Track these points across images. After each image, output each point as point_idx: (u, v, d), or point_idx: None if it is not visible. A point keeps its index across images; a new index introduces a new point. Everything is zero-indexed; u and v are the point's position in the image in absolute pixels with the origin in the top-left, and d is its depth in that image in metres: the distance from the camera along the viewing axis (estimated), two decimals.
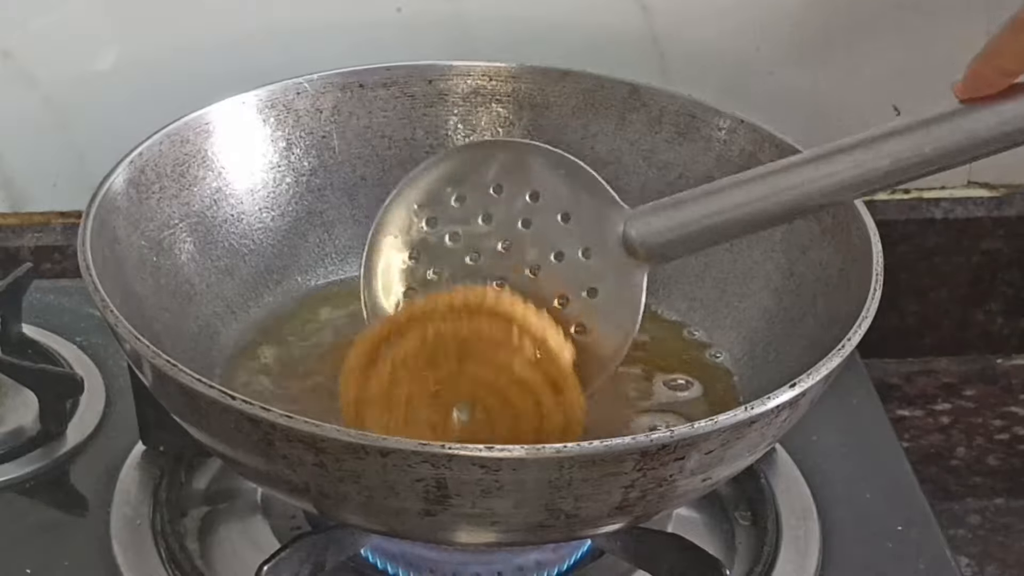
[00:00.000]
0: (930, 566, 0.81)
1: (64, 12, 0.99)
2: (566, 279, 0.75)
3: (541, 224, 0.75)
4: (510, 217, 0.76)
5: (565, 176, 0.75)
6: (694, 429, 0.64)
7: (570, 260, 0.75)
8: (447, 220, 0.77)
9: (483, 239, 0.76)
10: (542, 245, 0.75)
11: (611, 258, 0.74)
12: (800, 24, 1.02)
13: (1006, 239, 1.07)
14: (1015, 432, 1.01)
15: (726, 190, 0.72)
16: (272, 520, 0.81)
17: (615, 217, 0.74)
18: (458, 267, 0.77)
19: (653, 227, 0.73)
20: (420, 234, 0.78)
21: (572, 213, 0.75)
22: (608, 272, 0.74)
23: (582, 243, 0.75)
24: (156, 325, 0.77)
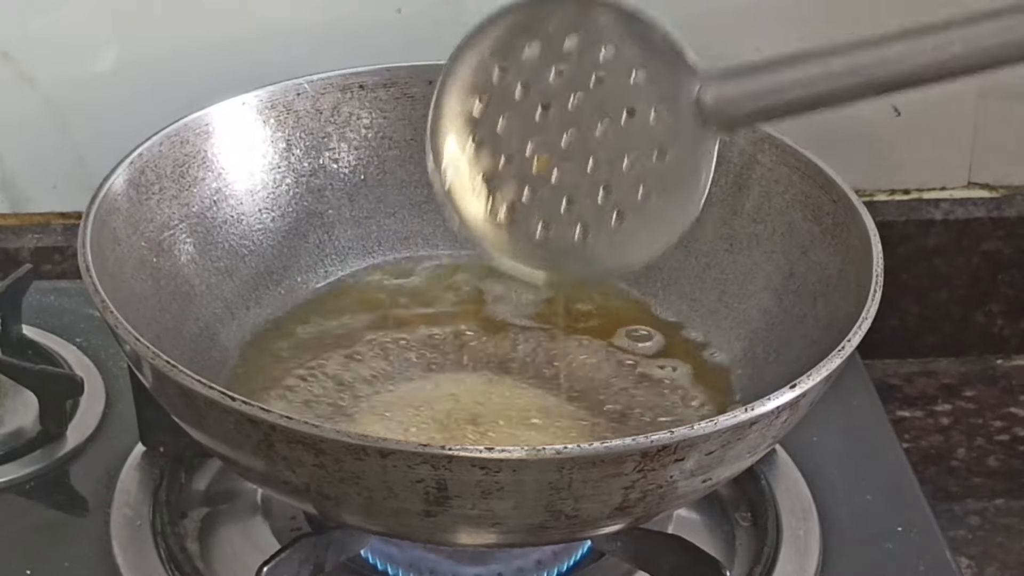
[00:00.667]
0: (930, 567, 0.81)
1: (64, 12, 0.99)
2: (636, 138, 0.72)
3: (615, 79, 0.72)
4: (583, 71, 0.72)
5: (641, 34, 0.72)
6: (694, 430, 0.64)
7: (642, 119, 0.72)
8: (519, 69, 0.73)
9: (556, 91, 0.73)
10: (614, 101, 0.72)
11: (683, 122, 0.71)
12: (800, 24, 1.02)
13: (1006, 240, 1.07)
14: (1015, 433, 1.01)
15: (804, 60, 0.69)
16: (272, 521, 0.81)
17: (689, 80, 0.71)
18: (529, 117, 0.73)
19: (726, 94, 0.70)
20: (492, 81, 0.74)
21: (646, 72, 0.72)
22: (679, 136, 0.71)
23: (655, 103, 0.72)
24: (156, 326, 0.77)
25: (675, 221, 0.72)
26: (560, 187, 0.73)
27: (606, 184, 0.72)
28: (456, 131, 0.74)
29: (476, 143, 0.74)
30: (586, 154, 0.72)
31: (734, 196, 0.86)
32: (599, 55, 0.72)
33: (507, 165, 0.73)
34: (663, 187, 0.72)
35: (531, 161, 0.73)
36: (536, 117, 0.73)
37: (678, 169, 0.71)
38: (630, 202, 0.72)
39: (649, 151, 0.72)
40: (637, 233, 0.72)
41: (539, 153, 0.73)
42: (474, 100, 0.74)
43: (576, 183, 0.72)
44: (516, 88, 0.73)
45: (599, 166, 0.72)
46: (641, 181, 0.72)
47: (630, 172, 0.72)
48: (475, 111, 0.74)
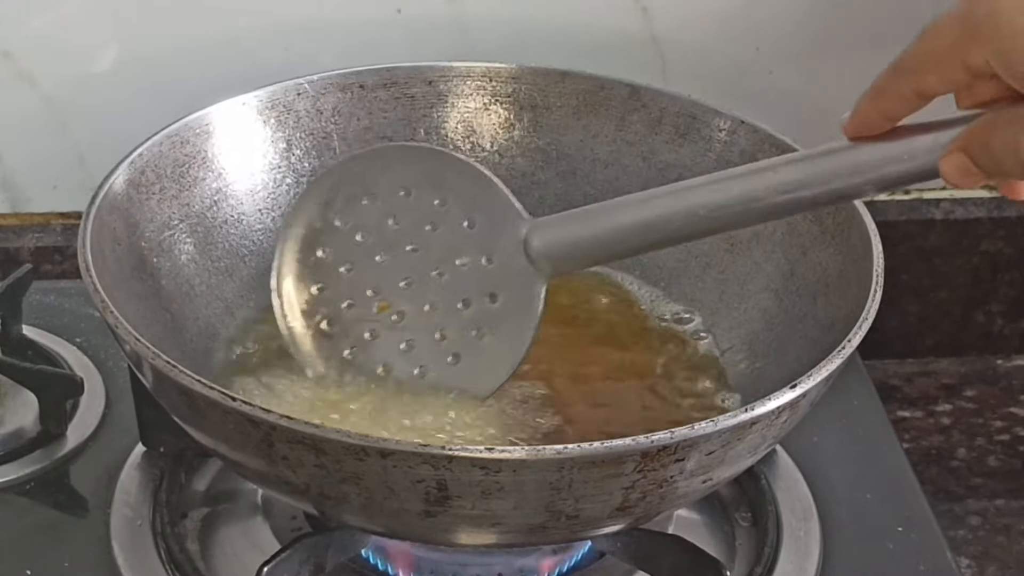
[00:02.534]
0: (930, 567, 0.81)
1: (64, 12, 0.99)
2: (469, 283, 0.76)
3: (448, 228, 0.76)
4: (419, 219, 0.77)
5: (472, 184, 0.76)
6: (694, 430, 0.64)
7: (474, 265, 0.76)
8: (358, 218, 0.78)
9: (392, 239, 0.77)
10: (448, 248, 0.76)
11: (512, 266, 0.75)
12: (800, 24, 1.02)
13: (1006, 239, 1.07)
14: (1015, 433, 1.01)
15: (617, 209, 0.73)
16: (272, 521, 0.81)
17: (518, 226, 0.75)
18: (368, 265, 0.78)
19: (552, 239, 0.74)
20: (332, 230, 0.78)
21: (477, 220, 0.76)
22: (509, 280, 0.75)
23: (486, 249, 0.76)
24: (156, 326, 0.77)
25: (505, 361, 0.76)
26: (399, 330, 0.77)
27: (441, 327, 0.77)
28: (299, 277, 0.79)
29: (319, 288, 0.79)
30: (423, 298, 0.77)
31: None
32: (432, 204, 0.76)
33: (349, 308, 0.78)
34: (495, 328, 0.76)
35: (372, 305, 0.78)
36: (375, 263, 0.77)
37: (510, 310, 0.75)
38: (464, 343, 0.76)
39: (482, 294, 0.76)
40: (470, 373, 0.76)
41: (379, 298, 0.78)
42: (316, 248, 0.78)
43: (414, 326, 0.77)
44: (355, 236, 0.78)
45: (435, 309, 0.77)
46: (475, 323, 0.76)
47: (464, 315, 0.76)
48: (317, 258, 0.79)
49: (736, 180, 0.70)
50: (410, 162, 0.77)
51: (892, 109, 0.66)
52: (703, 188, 0.71)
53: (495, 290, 0.75)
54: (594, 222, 0.73)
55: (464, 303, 0.76)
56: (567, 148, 0.90)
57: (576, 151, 0.90)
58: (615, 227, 0.73)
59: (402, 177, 0.77)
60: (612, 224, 0.73)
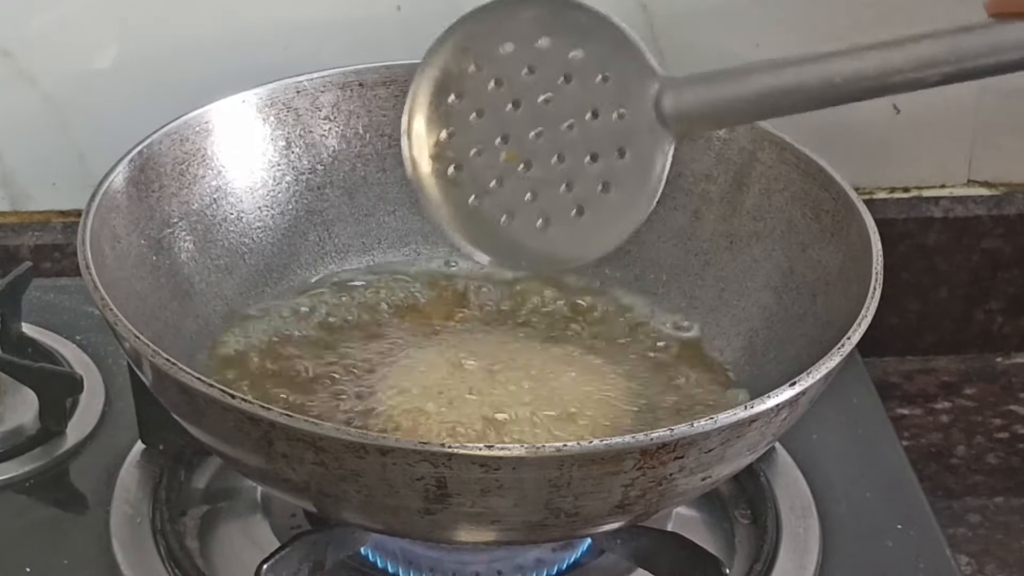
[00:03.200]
0: (930, 564, 0.81)
1: (64, 12, 0.99)
2: (599, 137, 0.75)
3: (581, 81, 0.75)
4: (553, 70, 0.75)
5: (609, 38, 0.75)
6: (694, 428, 0.64)
7: (605, 119, 0.75)
8: (494, 65, 0.76)
9: (526, 88, 0.76)
10: (580, 101, 0.75)
11: (643, 123, 0.74)
12: (799, 22, 1.02)
13: (1006, 238, 1.07)
14: (1015, 431, 1.01)
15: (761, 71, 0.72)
16: (272, 519, 0.81)
17: (651, 83, 0.74)
18: (501, 113, 0.76)
19: (685, 98, 0.73)
20: (466, 75, 0.77)
21: (612, 74, 0.75)
22: (639, 136, 0.74)
23: (618, 104, 0.74)
24: (156, 324, 0.77)
25: (628, 218, 0.75)
26: (526, 180, 0.75)
27: (568, 179, 0.75)
28: (431, 121, 0.77)
29: (448, 133, 0.77)
30: (552, 150, 0.75)
31: (734, 194, 0.86)
32: (568, 56, 0.75)
33: (477, 156, 0.76)
34: (621, 185, 0.74)
35: (500, 153, 0.76)
36: (506, 112, 0.76)
37: (636, 168, 0.74)
38: (590, 198, 0.74)
39: (610, 149, 0.74)
40: (593, 228, 0.75)
41: (508, 146, 0.76)
42: (449, 93, 0.77)
43: (541, 177, 0.75)
44: (489, 83, 0.76)
45: (563, 161, 0.75)
46: (601, 178, 0.74)
47: (591, 169, 0.75)
48: (449, 103, 0.77)
49: (876, 51, 0.70)
50: (550, 12, 0.76)
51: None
52: (842, 57, 0.70)
53: (624, 145, 0.74)
54: (728, 85, 0.73)
55: (592, 157, 0.75)
56: None
57: None
58: (749, 91, 0.72)
59: (541, 26, 0.76)
60: (746, 87, 0.72)
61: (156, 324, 0.77)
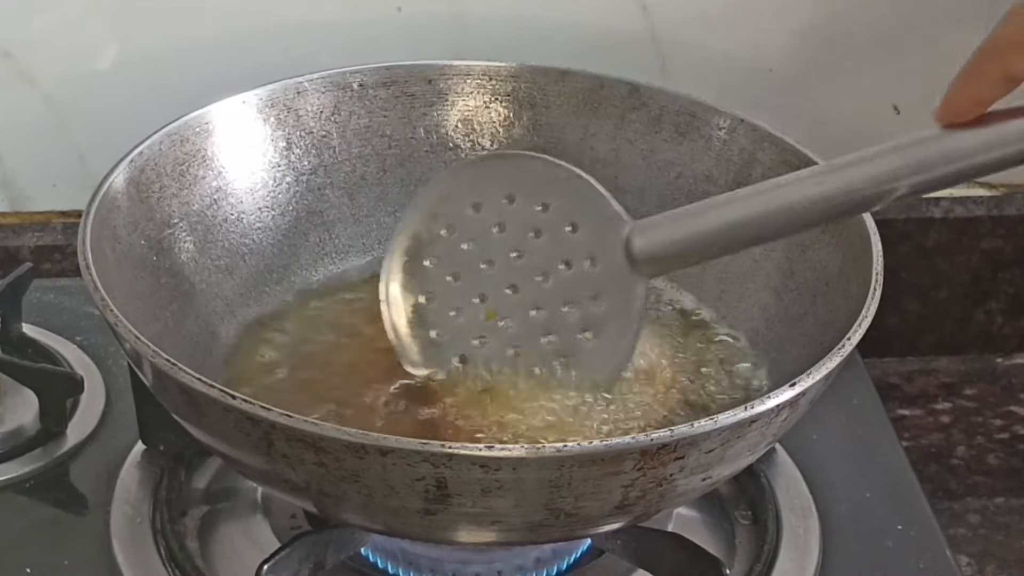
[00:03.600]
0: (930, 565, 0.81)
1: (64, 12, 0.99)
2: (573, 286, 0.77)
3: (551, 233, 0.77)
4: (522, 226, 0.78)
5: (573, 188, 0.77)
6: (694, 428, 0.64)
7: (577, 268, 0.77)
8: (464, 228, 0.79)
9: (498, 246, 0.78)
10: (552, 253, 0.77)
11: (615, 268, 0.76)
12: (799, 23, 1.02)
13: (1006, 238, 1.07)
14: (1015, 431, 1.01)
15: (723, 205, 0.74)
16: (272, 519, 0.81)
17: (619, 229, 0.76)
18: (474, 273, 0.79)
19: (653, 240, 0.75)
20: (438, 239, 0.79)
21: (579, 224, 0.77)
22: (612, 281, 0.76)
23: (589, 252, 0.77)
24: (156, 324, 0.77)
25: (612, 361, 0.77)
26: (507, 335, 0.78)
27: (548, 330, 0.77)
28: (407, 287, 0.80)
29: (427, 297, 0.80)
30: (529, 303, 0.78)
31: None
32: (535, 210, 0.77)
33: (457, 317, 0.79)
34: (600, 329, 0.77)
35: (479, 313, 0.79)
36: (481, 271, 0.78)
37: (613, 311, 0.76)
38: (571, 346, 0.77)
39: (586, 297, 0.77)
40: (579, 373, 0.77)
41: (486, 304, 0.79)
42: (422, 258, 0.79)
43: (522, 331, 0.78)
44: (461, 245, 0.79)
45: (541, 314, 0.78)
46: (580, 325, 0.77)
47: (569, 317, 0.77)
48: (424, 267, 0.79)
49: (833, 173, 0.71)
50: (513, 169, 0.79)
51: (981, 94, 0.66)
52: (801, 183, 0.72)
53: (598, 292, 0.76)
54: (693, 221, 0.74)
55: (569, 306, 0.77)
56: (567, 146, 0.90)
57: (576, 149, 0.90)
58: (714, 226, 0.73)
59: (506, 185, 0.78)
60: (711, 223, 0.74)
61: (156, 325, 0.77)
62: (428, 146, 0.90)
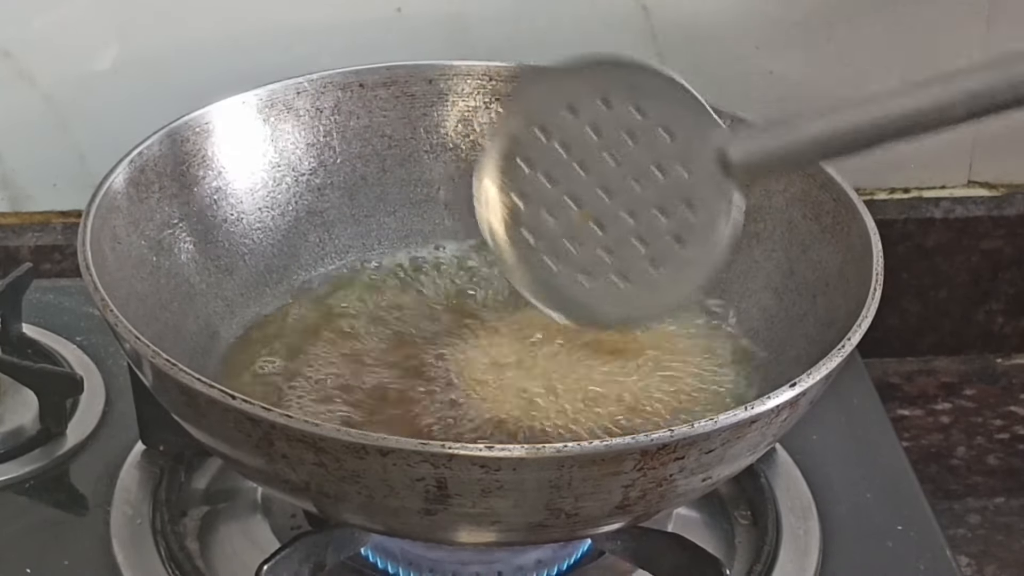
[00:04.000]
0: (930, 565, 0.81)
1: (64, 12, 0.99)
2: (667, 192, 0.77)
3: (646, 138, 0.77)
4: (618, 129, 0.78)
5: (670, 95, 0.77)
6: (694, 429, 0.64)
7: (671, 174, 0.77)
8: (560, 130, 0.79)
9: (593, 150, 0.78)
10: (646, 158, 0.77)
11: (708, 176, 0.76)
12: (799, 23, 1.02)
13: (1006, 239, 1.07)
14: (1015, 432, 1.01)
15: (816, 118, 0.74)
16: (272, 519, 0.81)
17: (713, 137, 0.76)
18: (570, 175, 0.79)
19: (747, 149, 0.76)
20: (535, 141, 0.79)
21: (675, 130, 0.77)
22: (705, 189, 0.76)
23: (683, 159, 0.77)
24: (156, 325, 0.77)
25: (702, 269, 0.77)
26: (600, 239, 0.78)
27: (641, 236, 0.78)
28: (503, 188, 0.80)
29: (522, 199, 0.79)
30: (623, 208, 0.78)
31: None
32: (630, 114, 0.77)
33: (551, 219, 0.79)
34: (693, 237, 0.77)
35: (573, 215, 0.79)
36: (576, 174, 0.78)
37: (705, 219, 0.77)
38: (664, 252, 0.77)
39: (679, 204, 0.77)
40: (669, 281, 0.78)
41: (580, 208, 0.78)
42: (518, 160, 0.79)
43: (615, 235, 0.78)
44: (556, 148, 0.79)
45: (635, 218, 0.78)
46: (673, 232, 0.77)
47: (663, 224, 0.77)
48: (519, 169, 0.79)
49: (927, 88, 0.71)
50: (610, 73, 0.78)
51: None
52: (896, 97, 0.72)
53: (692, 199, 0.77)
54: (786, 133, 0.75)
55: (662, 212, 0.77)
56: None
57: None
58: (806, 137, 0.74)
59: (602, 88, 0.78)
60: (806, 134, 0.74)
61: (156, 325, 0.77)
62: (428, 146, 0.90)
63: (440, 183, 0.91)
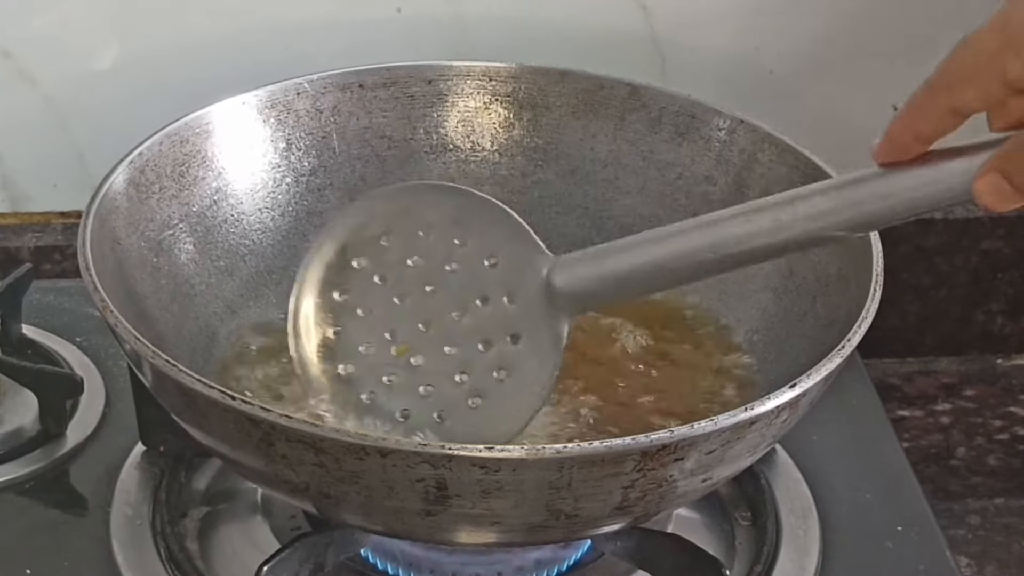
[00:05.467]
0: (930, 566, 0.81)
1: (64, 12, 0.99)
2: (490, 323, 0.75)
3: (468, 267, 0.75)
4: (438, 259, 0.75)
5: (493, 221, 0.75)
6: (694, 430, 0.64)
7: (495, 305, 0.75)
8: (377, 259, 0.77)
9: (412, 280, 0.76)
10: (468, 288, 0.75)
11: (535, 306, 0.74)
12: (799, 24, 1.02)
13: (1006, 239, 1.07)
14: (1015, 432, 1.01)
15: (647, 244, 0.71)
16: (272, 520, 0.81)
17: (540, 264, 0.73)
18: (387, 307, 0.76)
19: (575, 276, 0.73)
20: (349, 272, 0.77)
21: (498, 258, 0.75)
22: (531, 319, 0.74)
23: (507, 288, 0.74)
24: (156, 325, 0.77)
25: (527, 403, 0.74)
26: (419, 374, 0.75)
27: (462, 370, 0.75)
28: (317, 320, 0.77)
29: (335, 332, 0.77)
30: (443, 341, 0.75)
31: (734, 195, 0.86)
32: (452, 242, 0.75)
33: (367, 353, 0.76)
34: (518, 368, 0.74)
35: (390, 349, 0.76)
36: (394, 306, 0.76)
37: (532, 350, 0.74)
38: (486, 386, 0.74)
39: (503, 335, 0.74)
40: (491, 416, 0.74)
41: (398, 341, 0.76)
42: (333, 292, 0.77)
43: (435, 369, 0.75)
44: (373, 278, 0.76)
45: (455, 352, 0.75)
46: (496, 364, 0.74)
47: (485, 357, 0.74)
48: (335, 300, 0.77)
49: (764, 211, 0.68)
50: (429, 200, 0.76)
51: (926, 129, 0.63)
52: (730, 220, 0.69)
53: (517, 330, 0.74)
54: (618, 259, 0.72)
55: (485, 344, 0.75)
56: (567, 147, 0.90)
57: (576, 150, 0.90)
58: (640, 264, 0.71)
59: (422, 216, 0.76)
60: (637, 261, 0.71)
61: (156, 325, 0.77)
62: (428, 147, 0.90)
63: None
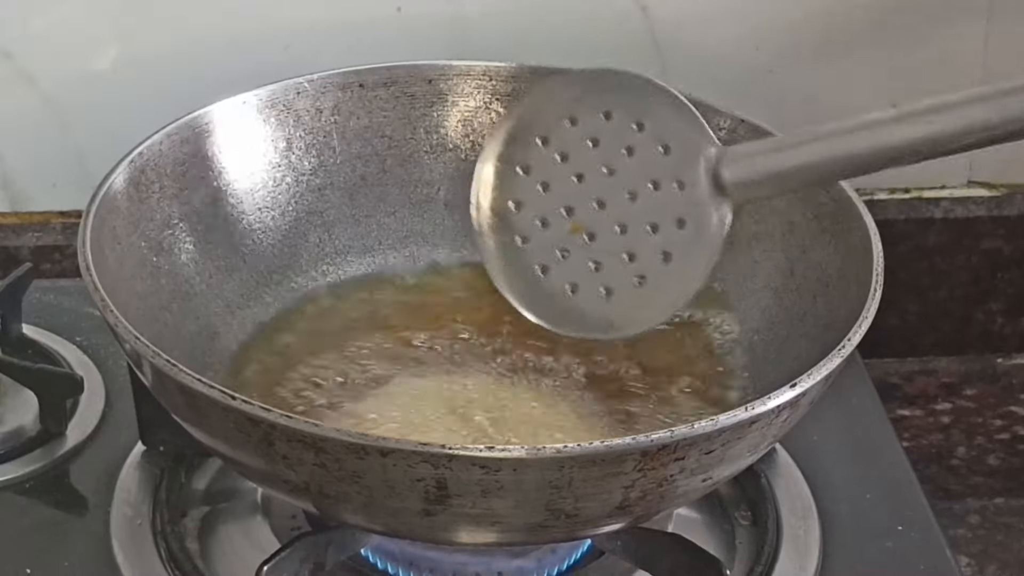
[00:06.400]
0: (930, 566, 0.81)
1: (64, 12, 0.99)
2: (659, 207, 0.77)
3: (643, 152, 0.78)
4: (616, 143, 0.78)
5: (670, 110, 0.78)
6: (694, 429, 0.64)
7: (665, 189, 0.77)
8: (558, 139, 0.79)
9: (590, 161, 0.79)
10: (642, 172, 0.78)
11: (702, 193, 0.76)
12: (799, 23, 1.02)
13: (1006, 239, 1.07)
14: (1015, 432, 1.01)
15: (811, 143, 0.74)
16: (272, 520, 0.81)
17: (710, 154, 0.76)
18: (564, 185, 0.79)
19: (743, 168, 0.76)
20: (532, 149, 0.80)
21: (671, 146, 0.77)
22: (698, 206, 0.77)
23: (677, 175, 0.77)
24: (156, 325, 0.77)
25: (686, 287, 0.77)
26: (589, 251, 0.78)
27: (630, 250, 0.78)
28: (498, 192, 0.80)
29: (516, 204, 0.80)
30: (614, 221, 0.78)
31: None
32: (629, 127, 0.78)
33: (542, 227, 0.79)
34: (681, 254, 0.77)
35: (564, 225, 0.79)
36: (571, 184, 0.79)
37: (695, 237, 0.77)
38: (651, 268, 0.77)
39: (670, 220, 0.77)
40: (652, 297, 0.78)
41: (572, 218, 0.79)
42: (515, 167, 0.80)
43: (604, 248, 0.78)
44: (554, 157, 0.79)
45: (625, 232, 0.78)
46: (662, 248, 0.77)
47: (652, 239, 0.77)
48: (516, 175, 0.80)
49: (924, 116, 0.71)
50: (613, 86, 0.79)
51: None
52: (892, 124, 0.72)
53: (684, 215, 0.77)
54: (783, 154, 0.75)
55: (653, 227, 0.77)
56: None
57: None
58: (804, 160, 0.74)
59: (603, 100, 0.78)
60: (801, 156, 0.74)
61: (156, 325, 0.77)
62: (428, 146, 0.90)
63: (440, 183, 0.91)
